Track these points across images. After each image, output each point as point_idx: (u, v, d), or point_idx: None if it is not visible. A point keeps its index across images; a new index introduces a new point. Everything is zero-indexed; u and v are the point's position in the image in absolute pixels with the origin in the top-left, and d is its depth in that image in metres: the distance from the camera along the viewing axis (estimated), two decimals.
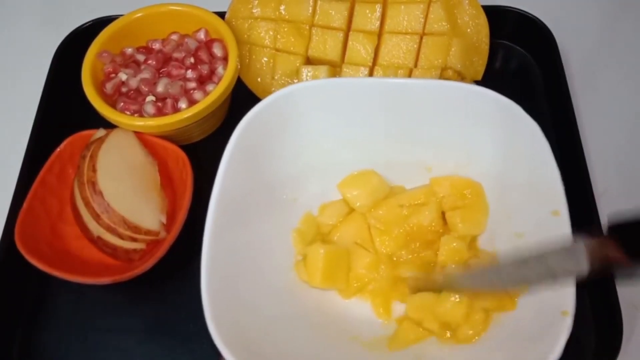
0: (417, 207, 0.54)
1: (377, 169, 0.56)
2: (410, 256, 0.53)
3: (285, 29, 0.61)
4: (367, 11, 0.60)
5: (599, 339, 0.51)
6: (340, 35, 0.60)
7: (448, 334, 0.49)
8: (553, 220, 0.46)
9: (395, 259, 0.53)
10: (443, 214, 0.54)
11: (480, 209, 0.52)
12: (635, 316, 0.52)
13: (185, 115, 0.56)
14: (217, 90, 0.57)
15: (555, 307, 0.44)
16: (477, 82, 0.61)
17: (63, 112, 0.64)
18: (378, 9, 0.60)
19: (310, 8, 0.61)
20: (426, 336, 0.49)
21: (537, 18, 0.65)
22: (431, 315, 0.49)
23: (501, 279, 0.47)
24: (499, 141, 0.52)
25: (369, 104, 0.54)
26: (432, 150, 0.55)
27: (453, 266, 0.51)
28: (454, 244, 0.51)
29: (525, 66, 0.66)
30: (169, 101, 0.58)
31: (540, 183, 0.49)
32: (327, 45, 0.60)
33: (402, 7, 0.60)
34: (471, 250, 0.52)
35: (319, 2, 0.61)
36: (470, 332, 0.48)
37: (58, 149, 0.57)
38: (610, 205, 0.56)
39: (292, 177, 0.55)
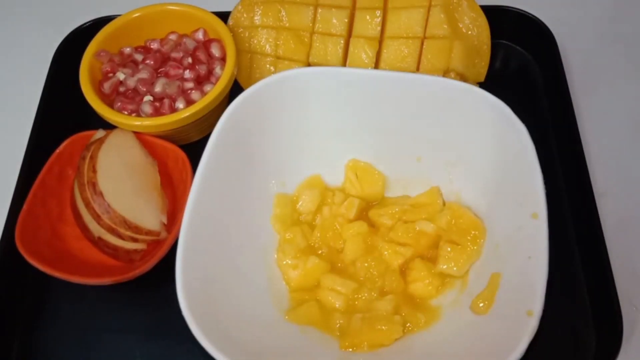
0: (421, 209, 0.54)
1: (364, 158, 0.57)
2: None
3: (286, 37, 0.61)
4: (368, 17, 0.60)
5: (599, 339, 0.51)
6: (341, 41, 0.60)
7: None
8: (532, 223, 0.46)
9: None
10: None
11: (472, 254, 0.51)
12: (635, 316, 0.52)
13: (183, 116, 0.56)
14: (215, 91, 0.57)
15: (521, 308, 0.44)
16: (480, 84, 0.61)
17: (62, 113, 0.63)
18: (378, 15, 0.60)
19: (311, 15, 0.61)
20: (380, 342, 0.49)
21: (537, 18, 0.65)
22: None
23: None
24: (486, 140, 0.52)
25: (363, 94, 0.54)
26: (422, 143, 0.55)
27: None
28: (423, 273, 0.51)
29: (525, 66, 0.66)
30: (166, 101, 0.58)
31: (522, 184, 0.49)
32: (327, 52, 0.60)
33: (403, 12, 0.60)
34: (440, 278, 0.52)
35: (319, 10, 0.61)
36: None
37: (58, 150, 0.57)
38: (610, 205, 0.57)
39: (277, 169, 0.55)
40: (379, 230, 0.54)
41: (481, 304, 0.48)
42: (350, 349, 0.49)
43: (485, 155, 0.53)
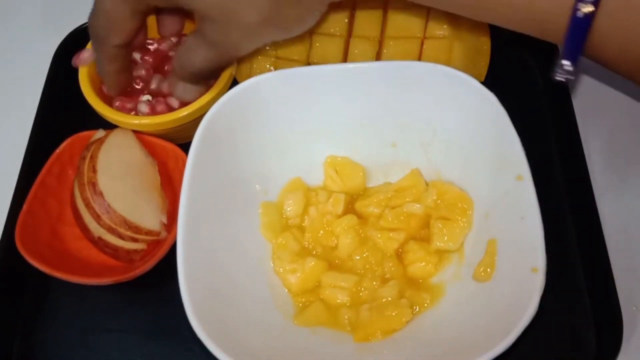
0: (405, 192, 0.55)
1: (341, 153, 0.57)
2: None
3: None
4: (368, 17, 0.60)
5: (599, 339, 0.51)
6: (342, 41, 0.60)
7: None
8: (518, 185, 0.47)
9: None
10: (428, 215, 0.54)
11: (464, 226, 0.52)
12: (635, 316, 0.52)
13: (181, 114, 0.56)
14: (214, 90, 0.57)
15: (525, 267, 0.44)
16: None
17: (62, 113, 0.63)
18: (378, 15, 0.60)
19: None
20: (392, 328, 0.49)
21: None
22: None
23: None
24: (458, 115, 0.52)
25: (331, 90, 0.54)
26: (397, 128, 0.56)
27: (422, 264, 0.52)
28: (419, 254, 0.52)
29: (525, 66, 0.66)
30: (163, 100, 0.58)
31: (501, 150, 0.49)
32: (327, 52, 0.60)
33: (403, 12, 0.59)
34: (437, 256, 0.52)
35: None
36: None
37: (57, 150, 0.57)
38: (610, 205, 0.57)
39: (261, 171, 0.55)
40: (368, 220, 0.55)
41: (483, 272, 0.48)
42: (365, 340, 0.49)
43: (458, 129, 0.53)
